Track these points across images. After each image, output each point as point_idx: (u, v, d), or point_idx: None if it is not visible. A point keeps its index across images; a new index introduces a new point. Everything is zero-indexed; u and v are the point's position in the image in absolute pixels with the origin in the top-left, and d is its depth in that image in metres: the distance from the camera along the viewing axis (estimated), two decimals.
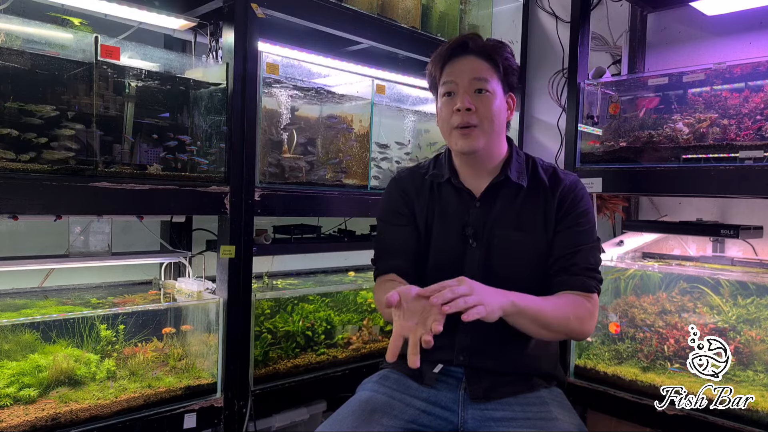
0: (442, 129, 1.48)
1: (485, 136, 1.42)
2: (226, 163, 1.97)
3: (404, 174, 1.59)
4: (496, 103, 1.42)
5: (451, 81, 1.43)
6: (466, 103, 1.39)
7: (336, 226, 2.66)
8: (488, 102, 1.41)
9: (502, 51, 1.44)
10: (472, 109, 1.40)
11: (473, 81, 1.41)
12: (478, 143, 1.41)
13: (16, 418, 1.58)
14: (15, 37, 1.66)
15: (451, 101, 1.42)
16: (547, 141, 3.10)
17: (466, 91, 1.41)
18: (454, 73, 1.42)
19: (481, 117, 1.40)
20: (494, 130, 1.43)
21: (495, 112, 1.42)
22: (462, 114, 1.40)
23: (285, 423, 2.16)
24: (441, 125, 1.48)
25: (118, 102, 1.83)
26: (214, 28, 2.15)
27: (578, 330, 1.36)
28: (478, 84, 1.40)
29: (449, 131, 1.44)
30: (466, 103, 1.39)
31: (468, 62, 1.42)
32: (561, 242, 1.43)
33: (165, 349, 1.96)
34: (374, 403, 1.36)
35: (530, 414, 1.34)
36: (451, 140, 1.45)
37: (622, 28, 2.71)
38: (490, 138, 1.43)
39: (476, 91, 1.41)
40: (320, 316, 2.34)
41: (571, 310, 1.34)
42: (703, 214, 2.48)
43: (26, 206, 1.54)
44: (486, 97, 1.41)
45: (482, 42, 1.43)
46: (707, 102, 2.08)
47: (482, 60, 1.42)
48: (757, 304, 1.92)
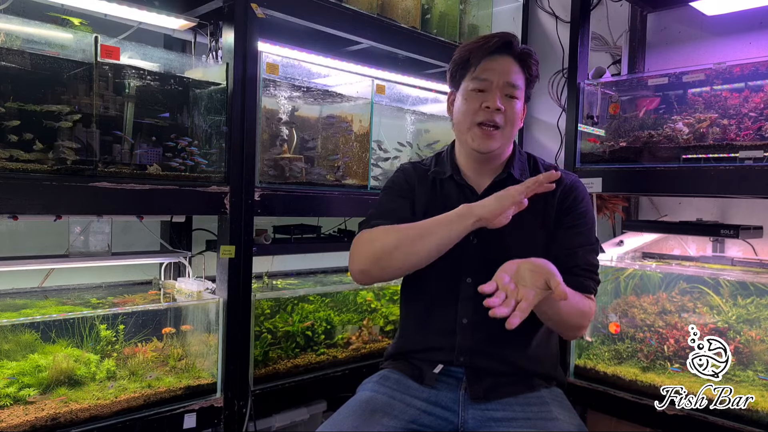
0: (459, 122, 1.46)
1: (504, 139, 1.43)
2: (226, 163, 1.97)
3: (407, 166, 1.59)
4: (519, 109, 1.45)
5: (486, 78, 1.41)
6: (498, 103, 1.39)
7: (336, 226, 2.66)
8: (515, 107, 1.42)
9: (534, 62, 1.45)
10: (502, 110, 1.40)
11: (507, 85, 1.41)
12: (495, 144, 1.42)
13: (16, 418, 1.58)
14: (15, 37, 1.66)
15: (481, 97, 1.42)
16: (547, 141, 3.10)
17: (499, 91, 1.41)
18: (492, 71, 1.41)
19: (506, 120, 1.42)
20: (513, 135, 1.46)
21: (518, 118, 1.45)
22: (492, 113, 1.40)
23: (285, 423, 2.16)
24: (460, 118, 1.46)
25: (118, 102, 1.83)
26: (214, 28, 2.15)
27: (577, 325, 1.36)
28: (510, 89, 1.41)
29: (469, 126, 1.43)
30: (498, 104, 1.40)
31: (508, 64, 1.42)
32: (561, 242, 1.43)
33: (165, 349, 1.96)
34: (375, 403, 1.36)
35: (530, 414, 1.34)
36: (468, 135, 1.44)
37: (622, 28, 2.71)
38: (507, 141, 1.45)
39: (507, 95, 1.41)
40: (320, 316, 2.34)
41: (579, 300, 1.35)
42: (703, 214, 2.48)
43: (26, 206, 1.54)
44: (514, 102, 1.42)
45: (522, 47, 1.44)
46: (707, 102, 2.08)
47: (519, 65, 1.43)
48: (757, 304, 1.92)
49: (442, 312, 1.45)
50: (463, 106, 1.45)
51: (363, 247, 1.40)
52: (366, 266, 1.38)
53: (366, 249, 1.39)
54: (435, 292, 1.44)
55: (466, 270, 1.44)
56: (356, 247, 1.42)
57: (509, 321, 1.11)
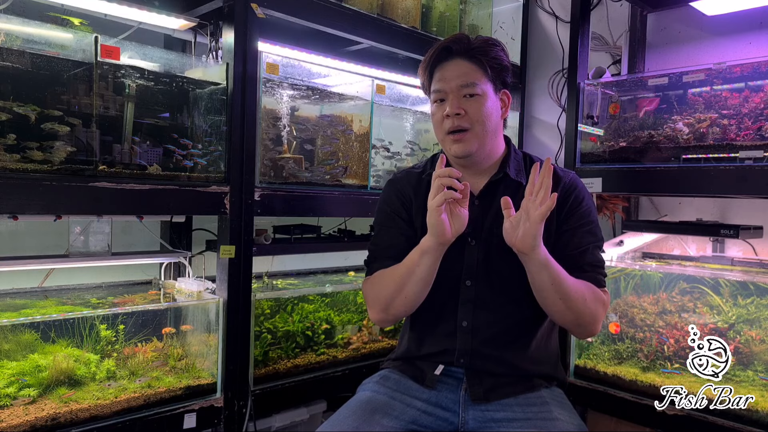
0: (436, 134, 1.49)
1: (478, 139, 1.41)
2: (226, 163, 1.96)
3: (400, 175, 1.59)
4: (488, 105, 1.42)
5: (439, 88, 1.43)
6: (454, 108, 1.39)
7: (336, 226, 2.66)
8: (478, 105, 1.40)
9: (488, 51, 1.42)
10: (462, 113, 1.40)
11: (461, 87, 1.40)
12: (471, 147, 1.41)
13: (16, 418, 1.58)
14: (15, 37, 1.66)
15: (442, 107, 1.43)
16: (547, 141, 3.10)
17: (455, 96, 1.40)
18: (443, 80, 1.42)
19: (472, 120, 1.40)
20: (487, 131, 1.42)
21: (486, 113, 1.41)
22: (452, 119, 1.40)
23: (285, 423, 2.16)
24: (435, 131, 1.48)
25: (118, 102, 1.83)
26: (214, 28, 2.15)
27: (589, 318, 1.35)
28: (466, 89, 1.40)
29: (442, 137, 1.45)
30: (455, 108, 1.39)
31: (455, 67, 1.42)
32: (569, 242, 1.43)
33: (165, 349, 1.96)
34: (375, 403, 1.36)
35: (531, 414, 1.34)
36: (445, 145, 1.46)
37: (622, 28, 2.71)
38: (483, 140, 1.43)
39: (465, 95, 1.40)
40: (320, 316, 2.34)
41: (588, 293, 1.36)
42: (703, 214, 2.48)
43: (26, 206, 1.54)
44: (475, 100, 1.40)
45: (467, 43, 1.42)
46: (707, 102, 2.08)
47: (469, 62, 1.41)
48: (757, 304, 1.92)
49: (443, 315, 1.45)
50: (432, 118, 1.48)
51: (371, 297, 1.48)
52: (380, 316, 1.46)
53: (374, 300, 1.46)
54: (435, 296, 1.44)
55: (466, 273, 1.44)
56: (367, 296, 1.50)
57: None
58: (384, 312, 1.44)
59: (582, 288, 1.35)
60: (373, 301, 1.46)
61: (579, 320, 1.36)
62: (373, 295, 1.46)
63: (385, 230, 1.53)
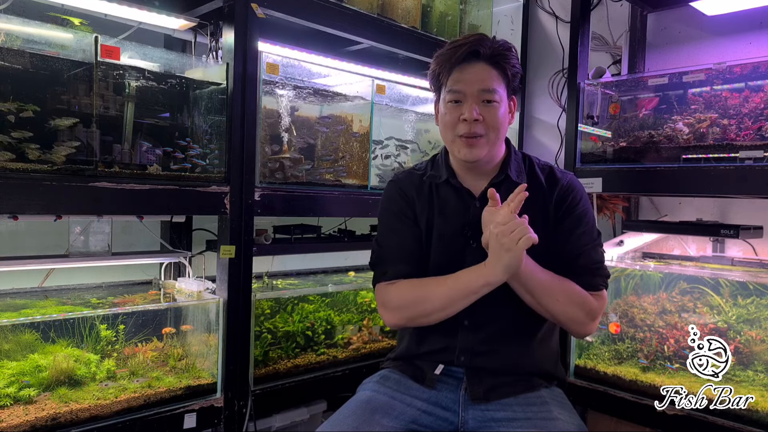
0: (444, 134, 1.46)
1: (489, 145, 1.41)
2: (226, 163, 1.96)
3: (402, 176, 1.58)
4: (503, 112, 1.41)
5: (459, 90, 1.39)
6: (474, 113, 1.37)
7: (336, 226, 2.66)
8: (495, 112, 1.39)
9: (510, 57, 1.41)
10: (480, 119, 1.38)
11: (482, 92, 1.38)
12: (482, 153, 1.40)
13: (16, 418, 1.58)
14: (15, 37, 1.66)
15: (458, 109, 1.40)
16: (547, 141, 3.10)
17: (474, 100, 1.38)
18: (464, 82, 1.39)
19: (488, 127, 1.39)
20: (499, 138, 1.42)
21: (501, 121, 1.41)
22: (469, 124, 1.38)
23: (285, 423, 2.16)
24: (444, 130, 1.45)
25: (118, 102, 1.83)
26: (214, 28, 2.15)
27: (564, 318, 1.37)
28: (486, 95, 1.38)
29: (453, 138, 1.42)
30: (475, 114, 1.37)
31: (478, 71, 1.39)
32: (565, 245, 1.43)
33: (165, 349, 1.96)
34: (375, 403, 1.36)
35: (531, 414, 1.34)
36: (454, 147, 1.43)
37: (622, 28, 2.71)
38: (494, 146, 1.42)
39: (484, 101, 1.39)
40: (320, 316, 2.34)
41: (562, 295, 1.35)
42: (703, 214, 2.48)
43: (26, 206, 1.54)
44: (493, 106, 1.39)
45: (492, 47, 1.39)
46: (707, 102, 2.08)
47: (492, 68, 1.39)
48: (757, 304, 1.92)
49: None
50: (443, 118, 1.44)
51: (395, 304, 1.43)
52: (401, 323, 1.44)
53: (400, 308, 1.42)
54: None
55: None
56: (387, 301, 1.45)
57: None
58: (410, 321, 1.42)
59: (556, 288, 1.35)
60: (398, 308, 1.42)
61: (555, 318, 1.38)
62: (400, 302, 1.42)
63: (391, 230, 1.51)
